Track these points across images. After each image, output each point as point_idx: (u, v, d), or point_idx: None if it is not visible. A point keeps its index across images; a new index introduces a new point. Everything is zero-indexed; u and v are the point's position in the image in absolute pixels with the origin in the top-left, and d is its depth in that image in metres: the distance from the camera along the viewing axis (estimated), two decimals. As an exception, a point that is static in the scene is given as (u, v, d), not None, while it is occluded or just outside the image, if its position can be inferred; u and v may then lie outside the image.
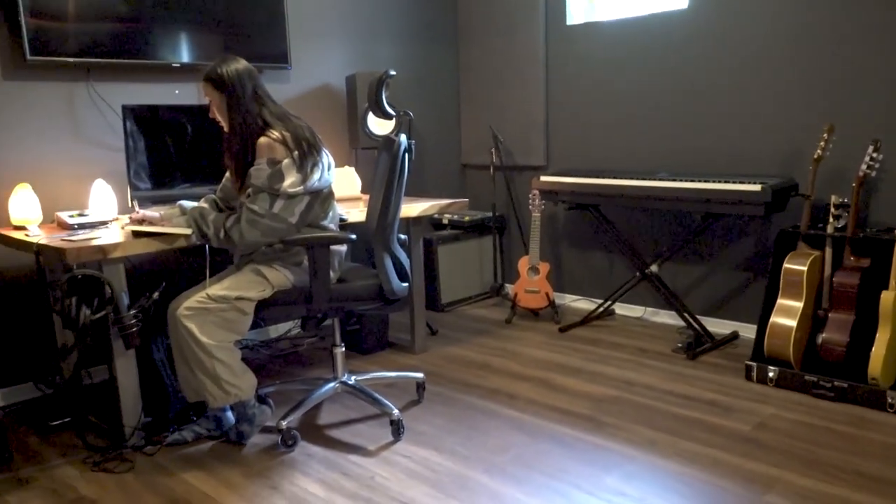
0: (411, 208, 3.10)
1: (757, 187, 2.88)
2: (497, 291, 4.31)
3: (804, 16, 3.06)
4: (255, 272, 2.38)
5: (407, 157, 2.47)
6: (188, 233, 2.34)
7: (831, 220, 2.79)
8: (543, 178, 3.63)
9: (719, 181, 3.01)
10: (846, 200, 2.77)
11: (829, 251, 2.81)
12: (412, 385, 2.94)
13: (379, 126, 3.60)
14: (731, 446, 2.32)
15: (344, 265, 2.62)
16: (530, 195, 3.77)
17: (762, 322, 2.91)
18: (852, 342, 2.72)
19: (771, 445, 2.32)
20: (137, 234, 2.33)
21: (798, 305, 2.80)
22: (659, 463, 2.23)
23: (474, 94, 4.43)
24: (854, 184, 2.74)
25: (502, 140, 4.26)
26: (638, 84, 3.66)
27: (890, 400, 2.52)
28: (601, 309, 3.76)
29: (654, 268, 3.43)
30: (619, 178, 3.31)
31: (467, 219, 4.20)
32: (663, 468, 2.19)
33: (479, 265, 4.34)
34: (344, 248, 2.56)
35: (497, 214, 4.32)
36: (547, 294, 3.81)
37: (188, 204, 2.50)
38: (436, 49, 4.36)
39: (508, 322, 3.83)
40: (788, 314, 2.81)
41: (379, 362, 3.25)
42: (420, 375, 2.81)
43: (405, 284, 2.55)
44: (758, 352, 2.90)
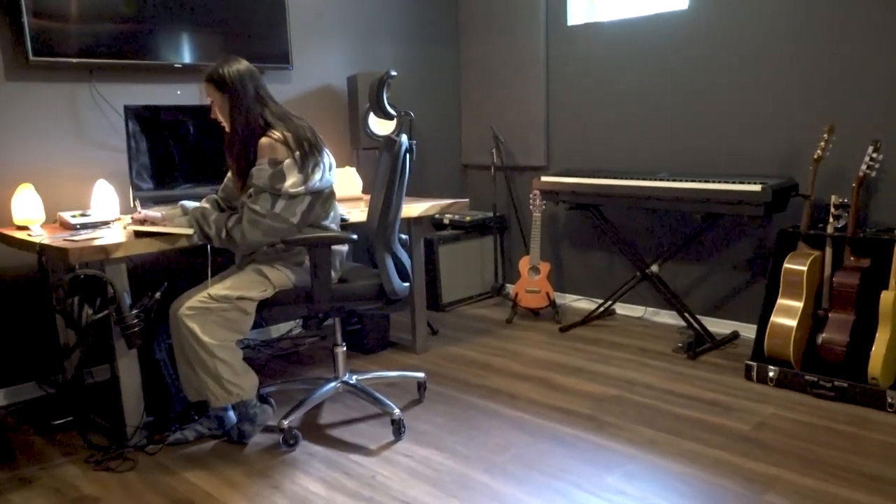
0: (412, 208, 3.10)
1: (757, 187, 2.88)
2: (498, 291, 4.31)
3: (804, 15, 3.06)
4: (257, 272, 2.39)
5: (408, 158, 2.48)
6: (190, 233, 2.35)
7: (831, 220, 2.79)
8: (544, 179, 3.63)
9: (719, 181, 3.02)
10: (846, 200, 2.77)
11: (829, 251, 2.82)
12: (413, 385, 2.95)
13: (380, 126, 3.61)
14: (732, 446, 2.33)
15: (345, 265, 2.62)
16: (531, 195, 3.77)
17: (762, 322, 2.91)
18: (852, 342, 2.72)
19: (771, 445, 2.32)
20: (139, 234, 2.34)
21: (798, 305, 2.81)
22: (659, 462, 2.23)
23: (475, 95, 4.44)
24: (854, 184, 2.74)
25: (503, 140, 4.26)
26: (638, 84, 3.67)
27: (890, 400, 2.53)
28: (602, 309, 3.77)
29: (655, 268, 3.44)
30: (620, 179, 3.32)
31: (468, 219, 4.21)
32: (664, 467, 2.20)
33: (480, 265, 4.34)
34: (345, 248, 2.57)
35: (498, 214, 4.32)
36: (548, 294, 3.82)
37: (190, 204, 2.51)
38: (436, 49, 4.37)
39: (509, 322, 3.84)
40: (788, 314, 2.81)
41: (380, 362, 3.26)
42: (421, 375, 2.81)
43: (406, 284, 2.56)
44: (758, 352, 2.91)
